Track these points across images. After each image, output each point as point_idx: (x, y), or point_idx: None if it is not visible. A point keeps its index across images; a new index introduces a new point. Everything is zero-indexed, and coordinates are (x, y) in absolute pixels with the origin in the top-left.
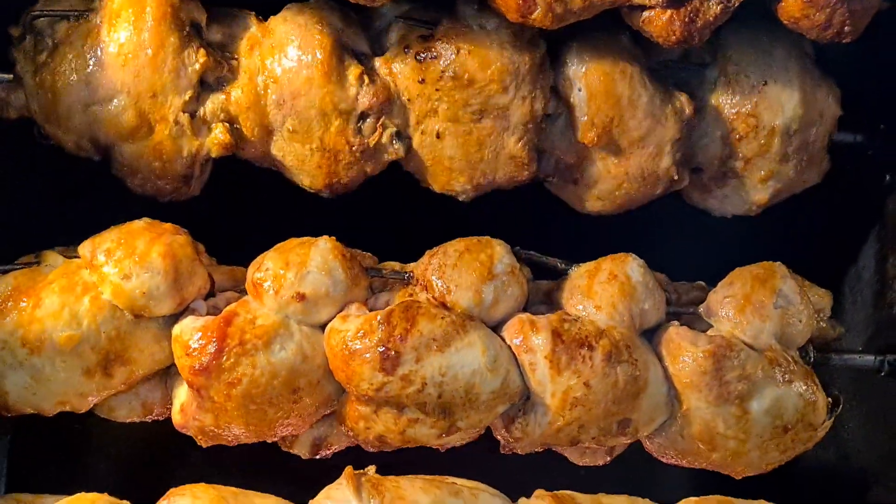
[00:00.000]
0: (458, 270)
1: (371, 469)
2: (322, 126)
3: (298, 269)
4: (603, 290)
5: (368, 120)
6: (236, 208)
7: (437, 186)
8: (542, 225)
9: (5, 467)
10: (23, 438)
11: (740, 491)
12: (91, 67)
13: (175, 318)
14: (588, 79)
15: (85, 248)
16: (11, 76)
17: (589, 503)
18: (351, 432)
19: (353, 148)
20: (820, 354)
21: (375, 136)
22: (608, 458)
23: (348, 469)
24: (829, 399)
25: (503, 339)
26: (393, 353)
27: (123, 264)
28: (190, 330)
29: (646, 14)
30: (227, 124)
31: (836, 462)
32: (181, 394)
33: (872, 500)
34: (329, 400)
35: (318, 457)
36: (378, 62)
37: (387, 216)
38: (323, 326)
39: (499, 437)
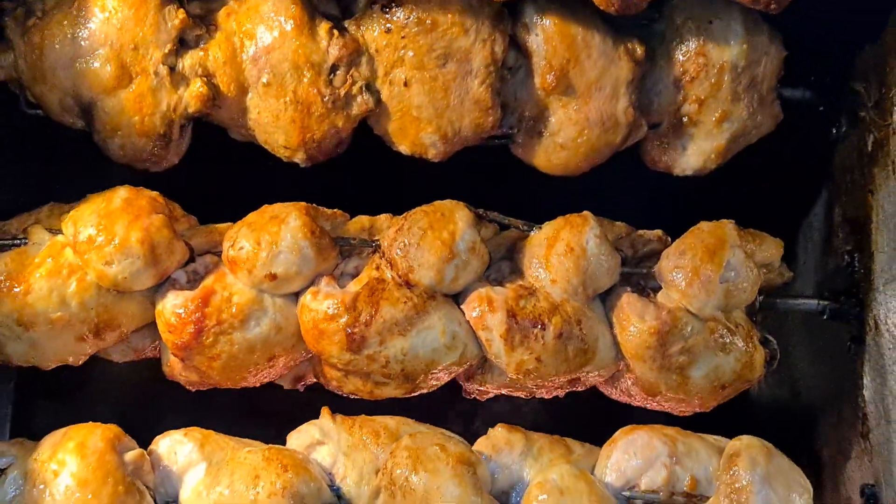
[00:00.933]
0: (421, 250)
1: None
2: (295, 79)
3: (270, 248)
4: (559, 262)
5: (339, 72)
6: (214, 176)
7: (406, 144)
8: (510, 190)
9: (10, 412)
10: (25, 384)
11: (698, 424)
12: (77, 25)
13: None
14: (544, 24)
15: (67, 227)
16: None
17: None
18: (326, 383)
19: (325, 99)
20: (766, 300)
21: (346, 85)
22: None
23: (325, 409)
24: (768, 351)
25: (462, 311)
26: (359, 336)
27: (104, 252)
28: (170, 309)
29: None
30: (205, 78)
31: (789, 399)
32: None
33: (820, 434)
34: (304, 356)
35: (299, 387)
36: (347, 23)
37: (360, 182)
38: (297, 295)
39: (461, 383)
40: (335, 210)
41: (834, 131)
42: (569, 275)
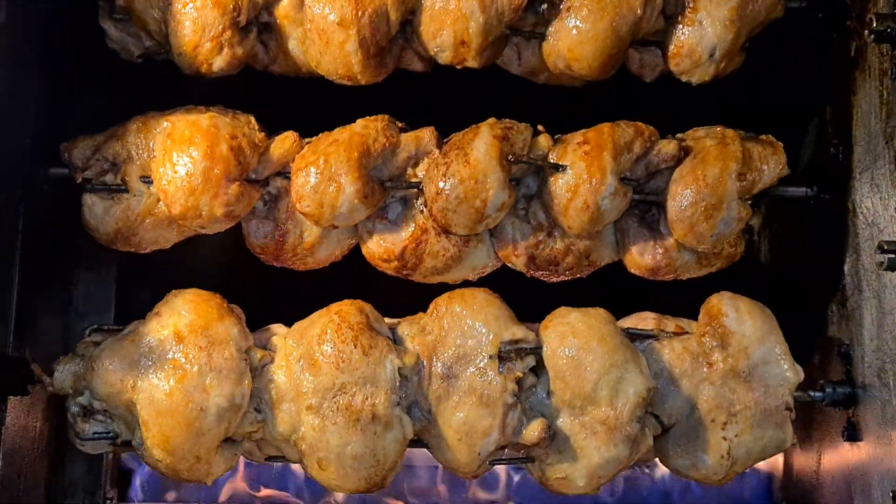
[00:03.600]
0: (457, 215)
1: None
2: None
3: (331, 210)
4: (576, 215)
5: None
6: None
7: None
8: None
9: (114, 290)
10: (127, 266)
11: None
12: None
13: None
14: None
15: (159, 171)
16: None
17: None
18: None
19: None
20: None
21: None
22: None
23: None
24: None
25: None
26: (406, 275)
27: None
28: (254, 241)
29: None
30: None
31: (783, 274)
32: None
33: (807, 304)
34: None
35: None
36: None
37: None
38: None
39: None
40: (384, 143)
41: (827, 38)
42: (584, 226)
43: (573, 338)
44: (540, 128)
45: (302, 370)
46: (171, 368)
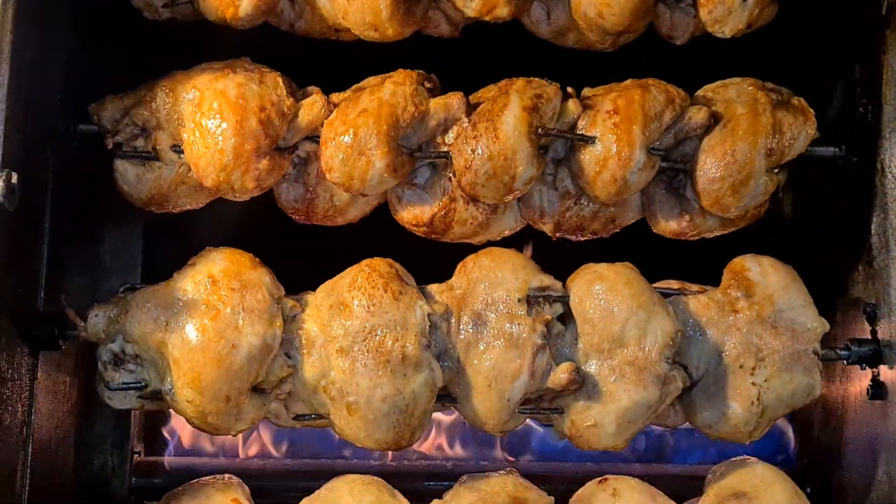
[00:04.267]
0: (486, 189)
1: None
2: None
3: (361, 182)
4: (604, 187)
5: None
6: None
7: None
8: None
9: (141, 247)
10: (153, 224)
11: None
12: None
13: None
14: None
15: (186, 136)
16: None
17: None
18: None
19: None
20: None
21: None
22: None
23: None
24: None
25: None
26: (433, 237)
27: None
28: (284, 202)
29: None
30: None
31: (806, 231)
32: None
33: (832, 262)
34: None
35: None
36: None
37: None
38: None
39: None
40: (413, 112)
41: None
42: (611, 197)
43: (600, 282)
44: (569, 90)
45: (332, 316)
46: (205, 308)
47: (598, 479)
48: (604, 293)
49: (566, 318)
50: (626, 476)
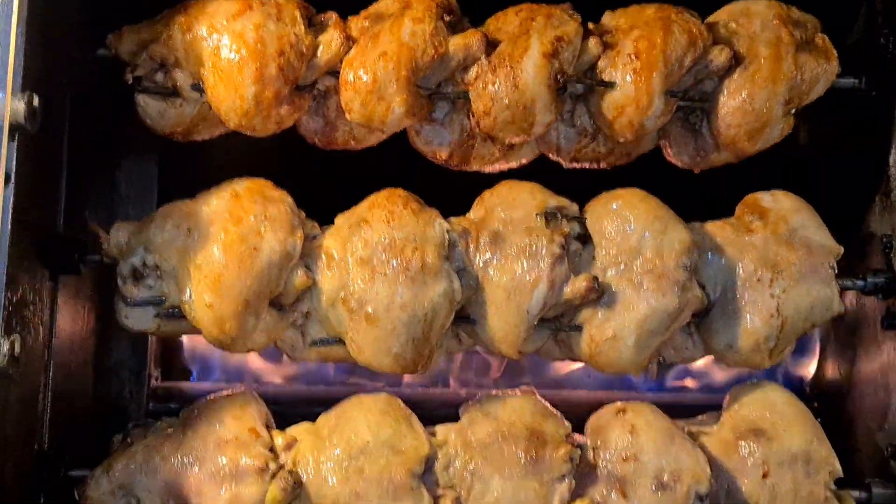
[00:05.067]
0: (505, 132)
1: None
2: None
3: (380, 123)
4: (622, 130)
5: None
6: None
7: None
8: None
9: (157, 174)
10: (168, 153)
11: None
12: None
13: None
14: None
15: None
16: None
17: None
18: None
19: None
20: None
21: None
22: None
23: None
24: None
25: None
26: (452, 167)
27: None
28: (307, 134)
29: None
30: None
31: (824, 165)
32: None
33: (848, 194)
34: None
35: None
36: None
37: None
38: None
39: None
40: (433, 54)
41: None
42: (628, 138)
43: (617, 200)
44: (590, 26)
45: (352, 231)
46: (228, 216)
47: (616, 409)
48: (620, 208)
49: (584, 240)
50: (644, 408)
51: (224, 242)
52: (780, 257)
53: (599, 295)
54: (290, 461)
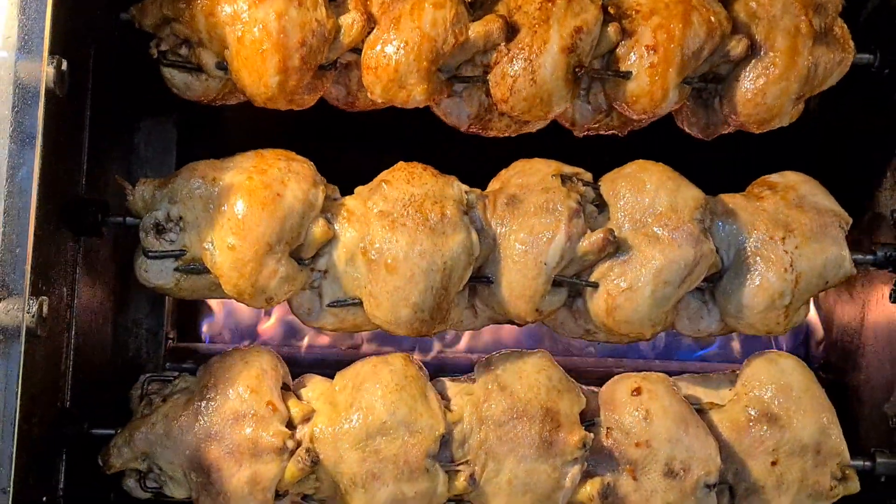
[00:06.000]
0: (522, 116)
1: None
2: None
3: (402, 103)
4: (636, 113)
5: None
6: None
7: None
8: None
9: (176, 137)
10: (186, 117)
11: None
12: None
13: None
14: None
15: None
16: None
17: None
18: None
19: None
20: None
21: None
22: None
23: None
24: None
25: None
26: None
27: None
28: (329, 100)
29: None
30: None
31: (832, 146)
32: None
33: (858, 168)
34: None
35: None
36: None
37: None
38: None
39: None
40: (453, 43)
41: None
42: (642, 118)
43: (631, 166)
44: (611, 11)
45: (372, 192)
46: (253, 168)
47: (630, 387)
48: (634, 171)
49: (599, 208)
50: (659, 389)
51: (248, 188)
52: (791, 219)
53: (615, 248)
54: (307, 436)
